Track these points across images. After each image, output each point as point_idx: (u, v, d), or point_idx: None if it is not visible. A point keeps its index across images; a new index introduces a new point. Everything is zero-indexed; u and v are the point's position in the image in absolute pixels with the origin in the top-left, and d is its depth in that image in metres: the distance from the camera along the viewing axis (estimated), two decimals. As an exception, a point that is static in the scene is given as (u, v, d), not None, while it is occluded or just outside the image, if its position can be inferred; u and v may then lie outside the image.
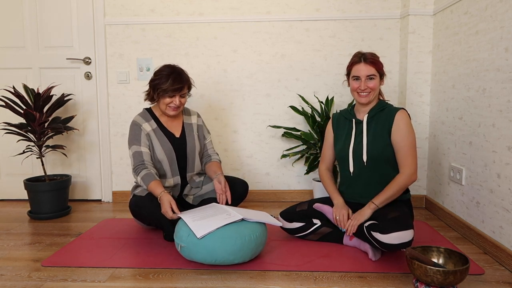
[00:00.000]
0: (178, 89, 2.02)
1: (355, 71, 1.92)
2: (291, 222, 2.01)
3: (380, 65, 1.92)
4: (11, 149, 2.91)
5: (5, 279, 1.63)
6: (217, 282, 1.58)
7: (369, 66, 1.89)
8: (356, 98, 1.95)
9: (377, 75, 1.91)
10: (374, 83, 1.90)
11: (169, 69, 2.05)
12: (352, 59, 1.96)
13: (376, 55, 1.94)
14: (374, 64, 1.90)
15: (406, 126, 1.86)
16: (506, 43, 1.72)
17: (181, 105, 2.08)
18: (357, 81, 1.92)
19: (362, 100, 1.92)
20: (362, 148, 1.92)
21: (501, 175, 1.76)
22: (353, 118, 1.99)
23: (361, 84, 1.90)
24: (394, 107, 1.93)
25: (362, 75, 1.89)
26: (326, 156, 2.14)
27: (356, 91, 1.93)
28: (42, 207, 2.47)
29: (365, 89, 1.89)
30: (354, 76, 1.93)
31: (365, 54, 1.92)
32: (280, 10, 2.71)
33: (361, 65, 1.90)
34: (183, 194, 2.22)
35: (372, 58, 1.91)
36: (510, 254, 1.68)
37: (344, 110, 2.08)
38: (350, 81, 1.97)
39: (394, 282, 1.57)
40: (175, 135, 2.16)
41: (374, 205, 1.81)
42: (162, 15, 2.74)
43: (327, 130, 2.13)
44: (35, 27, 2.79)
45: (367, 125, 1.95)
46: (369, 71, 1.89)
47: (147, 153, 2.06)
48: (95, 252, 1.88)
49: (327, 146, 2.12)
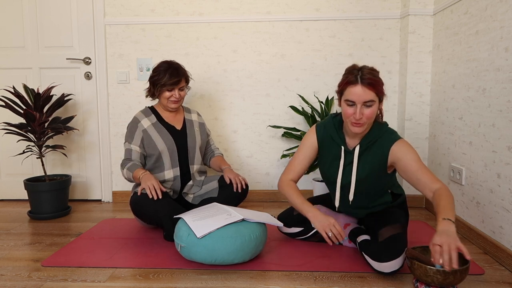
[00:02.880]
0: (176, 82, 2.13)
1: (350, 94, 1.57)
2: (289, 227, 1.99)
3: (380, 86, 1.58)
4: (11, 149, 2.91)
5: (5, 279, 1.63)
6: (217, 282, 1.58)
7: (367, 90, 1.55)
8: (348, 126, 1.64)
9: (376, 100, 1.58)
10: (371, 111, 1.58)
11: (166, 64, 2.16)
12: (346, 76, 1.60)
13: (375, 72, 1.60)
14: (374, 87, 1.55)
15: (411, 150, 1.64)
16: (506, 43, 1.72)
17: (181, 98, 2.19)
18: (351, 107, 1.59)
19: (355, 130, 1.62)
20: (350, 183, 1.74)
21: (501, 175, 1.76)
22: (342, 145, 1.73)
23: (356, 112, 1.57)
24: (390, 137, 1.68)
25: (357, 101, 1.56)
26: (297, 169, 1.83)
27: (349, 119, 1.61)
28: (42, 207, 2.47)
29: (360, 118, 1.58)
30: (348, 100, 1.59)
31: (363, 72, 1.56)
32: (280, 10, 2.71)
33: (357, 87, 1.55)
34: (183, 193, 2.23)
35: (372, 79, 1.55)
36: (510, 254, 1.68)
37: (330, 127, 1.75)
38: (342, 103, 1.63)
39: (394, 282, 1.57)
40: (176, 128, 2.23)
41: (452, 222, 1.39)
42: (162, 15, 2.74)
43: (308, 141, 1.81)
44: (35, 27, 2.79)
45: (358, 158, 1.70)
46: (366, 96, 1.55)
47: (136, 152, 2.16)
48: (95, 252, 1.88)
49: (303, 159, 1.82)
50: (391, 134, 1.69)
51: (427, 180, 1.58)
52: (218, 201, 2.14)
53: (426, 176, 1.58)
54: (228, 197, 2.15)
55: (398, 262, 1.57)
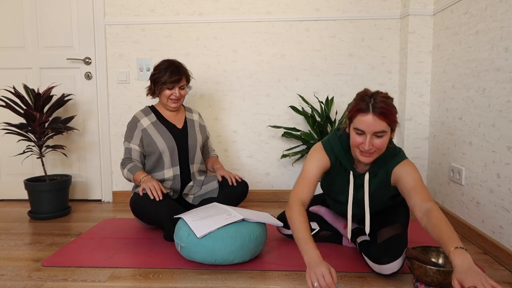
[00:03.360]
0: (176, 80, 2.13)
1: (360, 123, 1.46)
2: (289, 229, 1.99)
3: (393, 116, 1.46)
4: (11, 149, 2.91)
5: (5, 279, 1.63)
6: (217, 282, 1.59)
7: (379, 120, 1.43)
8: (356, 154, 1.54)
9: (387, 130, 1.47)
10: (382, 142, 1.47)
11: (167, 62, 2.16)
12: (357, 102, 1.48)
13: (389, 100, 1.46)
14: (386, 117, 1.43)
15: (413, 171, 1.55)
16: (506, 43, 1.72)
17: (181, 97, 2.19)
18: (361, 136, 1.48)
19: (363, 160, 1.52)
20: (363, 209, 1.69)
21: (501, 175, 1.76)
22: (351, 170, 1.64)
23: (365, 142, 1.47)
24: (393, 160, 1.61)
25: (368, 131, 1.45)
26: (311, 189, 1.58)
27: (357, 147, 1.51)
28: (42, 207, 2.47)
29: (370, 149, 1.48)
30: (357, 129, 1.48)
31: (376, 100, 1.44)
32: (280, 10, 2.71)
33: (368, 116, 1.43)
34: (183, 194, 2.23)
35: (384, 108, 1.43)
36: (510, 254, 1.68)
37: (339, 149, 1.63)
38: (351, 129, 1.52)
39: (394, 282, 1.57)
40: (177, 127, 2.23)
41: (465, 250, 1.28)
42: (162, 15, 2.74)
43: (320, 159, 1.62)
44: (35, 27, 2.79)
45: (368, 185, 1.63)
46: (378, 126, 1.44)
47: (136, 151, 2.16)
48: (95, 252, 1.89)
49: (314, 178, 1.59)
50: (396, 156, 1.61)
51: (418, 199, 1.47)
52: (218, 201, 2.14)
53: (419, 195, 1.48)
54: (228, 197, 2.15)
55: (397, 264, 1.56)
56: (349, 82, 2.74)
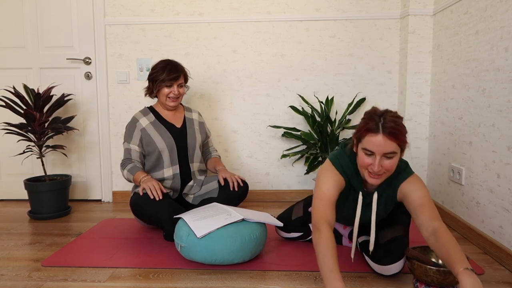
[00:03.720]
0: (174, 78, 2.14)
1: (369, 143, 1.40)
2: (289, 232, 1.99)
3: (404, 136, 1.41)
4: (11, 149, 2.91)
5: (5, 279, 1.63)
6: (217, 282, 1.59)
7: (389, 141, 1.37)
8: (364, 175, 1.48)
9: (397, 151, 1.41)
10: (392, 163, 1.41)
11: (165, 61, 2.19)
12: (366, 122, 1.42)
13: (399, 119, 1.41)
14: (396, 138, 1.38)
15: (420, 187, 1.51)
16: (506, 43, 1.72)
17: (179, 95, 2.20)
18: (370, 157, 1.42)
19: (371, 181, 1.46)
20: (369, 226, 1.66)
21: (501, 175, 1.76)
22: (361, 190, 1.58)
23: (374, 163, 1.41)
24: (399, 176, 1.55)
25: (377, 152, 1.39)
26: (329, 210, 1.46)
27: (366, 169, 1.46)
28: (42, 207, 2.47)
29: (379, 170, 1.42)
30: (366, 149, 1.42)
31: (386, 119, 1.38)
32: (280, 10, 2.71)
33: (378, 137, 1.38)
34: (183, 193, 2.23)
35: (395, 128, 1.37)
36: (510, 254, 1.68)
37: (349, 169, 1.55)
38: (359, 150, 1.46)
39: (394, 282, 1.57)
40: (176, 126, 2.24)
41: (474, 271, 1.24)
42: (162, 15, 2.74)
43: (336, 179, 1.53)
44: (35, 27, 2.79)
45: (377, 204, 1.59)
46: (388, 147, 1.38)
47: (136, 151, 2.17)
48: (95, 252, 1.89)
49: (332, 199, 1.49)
50: (402, 171, 1.57)
51: (425, 218, 1.42)
52: (218, 201, 2.14)
53: (426, 213, 1.42)
54: (228, 197, 2.15)
55: (399, 265, 1.56)
56: (349, 82, 2.74)
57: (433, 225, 1.39)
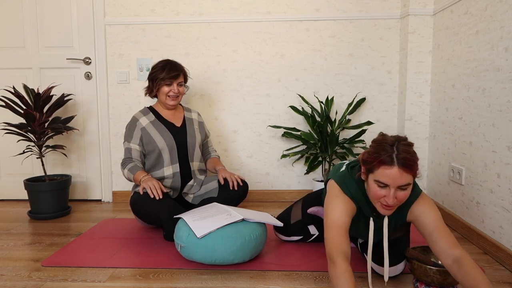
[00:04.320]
0: (174, 76, 2.16)
1: (383, 176, 1.31)
2: (289, 236, 1.99)
3: (417, 166, 1.33)
4: (11, 149, 2.91)
5: (5, 279, 1.63)
6: (217, 282, 1.59)
7: (405, 173, 1.29)
8: (377, 207, 1.41)
9: (411, 182, 1.33)
10: (405, 194, 1.35)
11: (165, 61, 2.21)
12: (378, 151, 1.32)
13: (411, 148, 1.33)
14: (412, 169, 1.30)
15: (431, 208, 1.45)
16: (506, 43, 1.72)
17: (179, 94, 2.21)
18: (383, 189, 1.34)
19: (384, 213, 1.40)
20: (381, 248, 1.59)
21: (501, 175, 1.76)
22: (371, 217, 1.50)
23: (388, 195, 1.33)
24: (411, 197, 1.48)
25: (392, 185, 1.31)
26: (344, 239, 1.37)
27: (379, 200, 1.38)
28: (42, 207, 2.47)
29: (394, 203, 1.34)
30: (380, 182, 1.33)
31: (399, 150, 1.30)
32: (280, 10, 2.71)
33: (393, 170, 1.29)
34: (182, 193, 2.23)
35: (410, 159, 1.29)
36: (510, 254, 1.68)
37: (359, 197, 1.48)
38: (371, 181, 1.37)
39: (394, 282, 1.57)
40: (176, 125, 2.25)
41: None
42: (162, 15, 2.74)
43: (346, 206, 1.45)
44: (35, 27, 2.79)
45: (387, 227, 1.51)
46: (404, 180, 1.30)
47: (136, 150, 2.17)
48: (95, 252, 1.88)
49: (345, 227, 1.41)
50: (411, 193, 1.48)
51: (444, 245, 1.36)
52: (218, 201, 2.14)
53: (444, 240, 1.36)
54: (228, 197, 2.15)
55: (400, 267, 1.57)
56: (349, 82, 2.74)
57: (454, 253, 1.34)
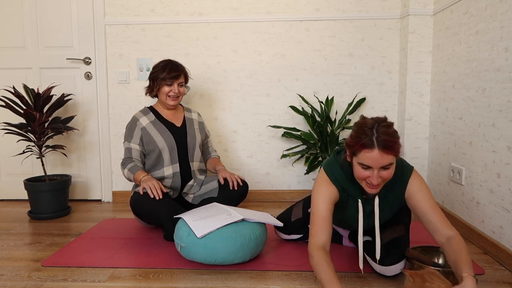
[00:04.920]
0: (175, 76, 2.16)
1: (365, 159, 1.35)
2: (289, 235, 1.99)
3: (399, 145, 1.36)
4: (11, 149, 2.91)
5: (5, 279, 1.63)
6: (217, 282, 1.59)
7: (386, 155, 1.33)
8: (363, 186, 1.46)
9: (394, 161, 1.38)
10: (389, 172, 1.39)
11: (166, 61, 2.22)
12: (359, 135, 1.37)
13: (391, 129, 1.36)
14: (393, 150, 1.34)
15: (424, 188, 1.51)
16: (506, 43, 1.72)
17: (180, 94, 2.21)
18: (367, 170, 1.39)
19: (371, 191, 1.44)
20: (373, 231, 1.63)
21: (501, 175, 1.76)
22: (360, 198, 1.55)
23: (372, 176, 1.38)
24: (403, 173, 1.53)
25: (375, 166, 1.36)
26: (324, 229, 1.45)
27: (364, 180, 1.43)
28: (42, 207, 2.47)
29: (378, 182, 1.39)
30: (362, 164, 1.38)
31: (379, 132, 1.33)
32: (280, 10, 2.71)
33: (374, 152, 1.33)
34: (182, 193, 2.23)
35: (389, 140, 1.33)
36: (510, 254, 1.68)
37: (343, 180, 1.52)
38: (355, 163, 1.41)
39: (394, 282, 1.57)
40: (176, 125, 2.25)
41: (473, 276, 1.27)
42: (162, 15, 2.74)
43: (328, 193, 1.51)
44: (35, 27, 2.79)
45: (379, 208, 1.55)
46: (385, 160, 1.34)
47: (136, 150, 2.17)
48: (95, 252, 1.88)
49: (327, 216, 1.47)
50: (403, 168, 1.54)
51: (439, 225, 1.44)
52: (218, 201, 2.14)
53: (438, 220, 1.45)
54: (228, 197, 2.15)
55: (400, 266, 1.57)
56: (349, 82, 2.74)
57: (449, 233, 1.42)
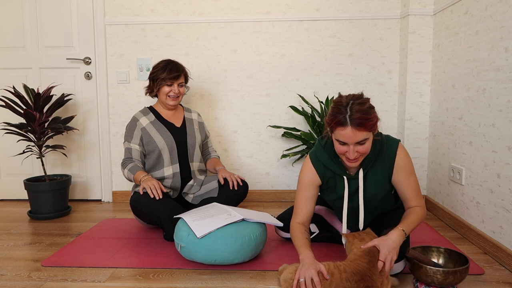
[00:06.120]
0: (175, 77, 2.17)
1: (340, 136, 1.44)
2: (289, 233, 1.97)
3: (372, 121, 1.42)
4: (11, 149, 2.91)
5: (5, 279, 1.63)
6: (217, 282, 1.59)
7: (358, 132, 1.40)
8: (344, 161, 1.55)
9: (369, 136, 1.45)
10: (366, 147, 1.46)
11: (166, 61, 2.22)
12: (334, 113, 1.44)
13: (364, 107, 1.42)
14: (365, 127, 1.40)
15: (408, 162, 1.59)
16: (506, 43, 1.72)
17: (180, 95, 2.22)
18: (344, 146, 1.47)
19: (351, 165, 1.53)
20: (357, 209, 1.66)
21: (501, 175, 1.76)
22: (344, 175, 1.61)
23: (349, 151, 1.46)
24: (389, 146, 1.59)
25: (350, 142, 1.44)
26: (303, 211, 1.63)
27: (343, 155, 1.51)
28: (42, 207, 2.47)
29: (355, 156, 1.47)
30: (339, 140, 1.47)
31: (352, 111, 1.40)
32: (280, 10, 2.71)
33: (347, 130, 1.41)
34: (182, 193, 2.23)
35: (362, 117, 1.39)
36: (510, 254, 1.68)
37: (325, 159, 1.61)
38: (333, 139, 1.51)
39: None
40: (176, 125, 2.26)
41: (404, 233, 1.44)
42: (162, 15, 2.74)
43: (309, 180, 1.63)
44: (35, 27, 2.79)
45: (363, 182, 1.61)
46: (358, 137, 1.42)
47: (136, 150, 2.18)
48: (95, 252, 1.88)
49: (307, 200, 1.63)
50: (390, 142, 1.60)
51: (408, 196, 1.59)
52: (218, 201, 2.14)
53: (409, 192, 1.59)
54: (228, 197, 2.15)
55: (400, 266, 1.56)
56: (349, 82, 2.74)
57: (413, 204, 1.59)
